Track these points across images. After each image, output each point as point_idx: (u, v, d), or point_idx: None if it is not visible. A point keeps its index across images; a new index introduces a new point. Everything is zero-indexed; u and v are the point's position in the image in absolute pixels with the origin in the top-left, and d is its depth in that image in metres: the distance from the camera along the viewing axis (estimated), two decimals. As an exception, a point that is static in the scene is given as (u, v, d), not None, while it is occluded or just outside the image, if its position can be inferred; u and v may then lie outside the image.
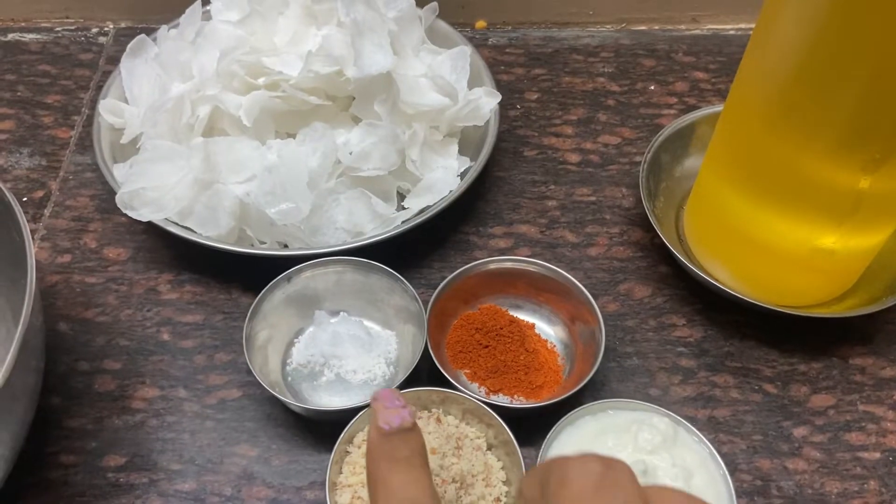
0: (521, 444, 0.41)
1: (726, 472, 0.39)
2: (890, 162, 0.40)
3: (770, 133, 0.43)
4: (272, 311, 0.47)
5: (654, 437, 0.40)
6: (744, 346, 0.49)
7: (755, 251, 0.48)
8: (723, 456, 0.41)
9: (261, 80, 0.49)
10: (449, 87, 0.53)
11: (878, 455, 0.45)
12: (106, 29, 0.68)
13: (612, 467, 0.22)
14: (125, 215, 0.49)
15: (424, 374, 0.46)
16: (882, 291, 0.49)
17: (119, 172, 0.51)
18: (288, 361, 0.48)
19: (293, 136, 0.50)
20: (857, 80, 0.38)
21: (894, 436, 0.46)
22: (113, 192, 0.50)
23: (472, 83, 0.57)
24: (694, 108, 0.60)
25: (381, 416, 0.28)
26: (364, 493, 0.40)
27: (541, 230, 0.55)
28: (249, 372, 0.47)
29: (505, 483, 0.42)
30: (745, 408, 0.47)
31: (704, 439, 0.41)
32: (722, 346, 0.49)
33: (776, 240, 0.47)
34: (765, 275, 0.49)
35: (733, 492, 0.39)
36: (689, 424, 0.41)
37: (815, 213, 0.44)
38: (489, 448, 0.43)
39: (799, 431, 0.46)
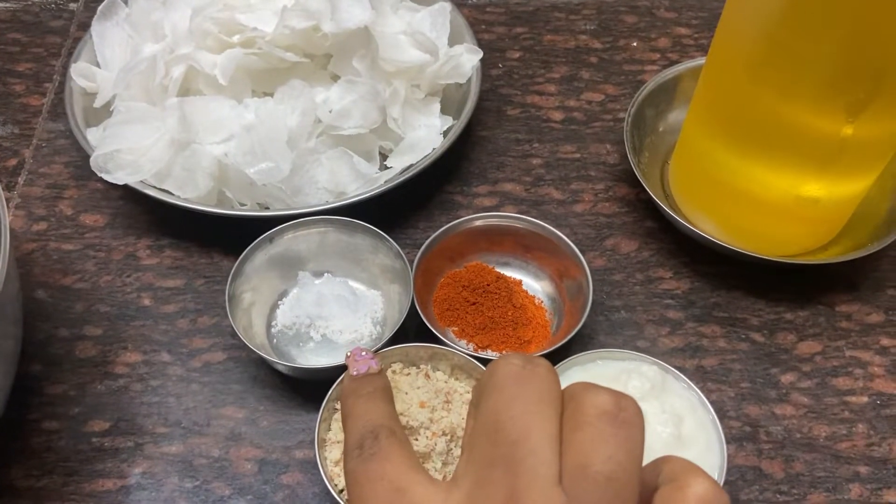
0: (510, 397, 0.40)
1: (715, 417, 0.39)
2: (874, 105, 0.40)
3: (754, 80, 0.43)
4: (255, 273, 0.46)
5: (643, 384, 0.40)
6: (730, 297, 0.49)
7: (740, 202, 0.48)
8: (711, 403, 0.41)
9: (235, 38, 0.48)
10: (429, 43, 0.52)
11: (865, 399, 0.45)
12: (76, -5, 0.66)
13: (531, 361, 0.25)
14: (101, 181, 0.48)
15: (412, 332, 0.46)
16: (866, 238, 0.49)
17: (93, 136, 0.50)
18: (273, 324, 0.47)
19: (271, 94, 0.49)
20: (843, 18, 0.37)
21: (881, 380, 0.46)
22: (87, 159, 0.48)
23: (453, 41, 0.56)
24: (676, 63, 0.60)
25: (351, 366, 0.32)
26: (353, 448, 0.39)
27: (526, 188, 0.55)
28: (234, 335, 0.46)
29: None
30: (732, 356, 0.47)
31: (693, 386, 0.41)
32: (709, 297, 0.49)
33: (761, 190, 0.47)
34: (750, 225, 0.49)
35: (723, 436, 0.39)
36: (677, 372, 0.41)
37: (799, 161, 0.44)
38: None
39: (786, 378, 0.46)
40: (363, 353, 0.32)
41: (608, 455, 0.22)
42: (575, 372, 0.42)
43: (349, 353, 0.33)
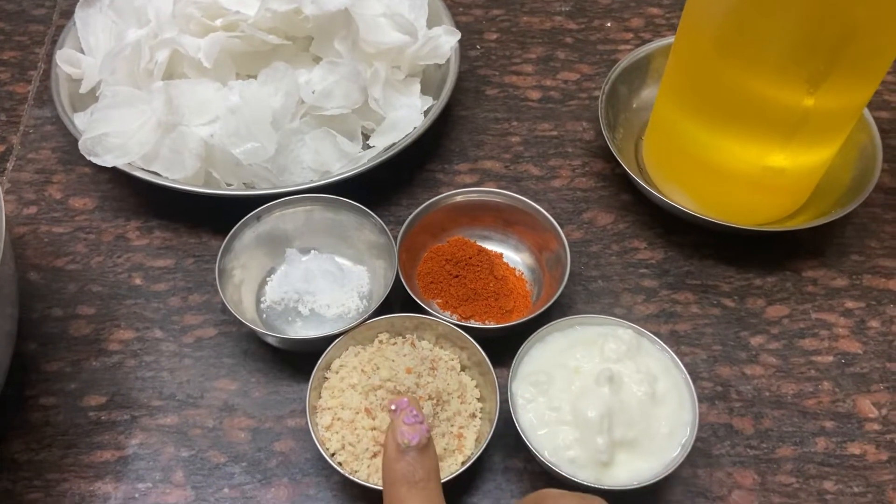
0: (493, 364, 0.42)
1: (687, 377, 0.41)
2: (833, 76, 0.42)
3: (720, 55, 0.44)
4: (243, 251, 0.47)
5: (619, 346, 0.42)
6: (703, 265, 0.51)
7: (711, 174, 0.50)
8: (685, 366, 0.43)
9: (218, 22, 0.49)
10: (408, 24, 0.53)
11: (830, 358, 0.47)
12: (57, -16, 0.67)
13: (589, 502, 0.23)
14: (89, 165, 0.49)
15: (398, 306, 0.47)
16: (831, 207, 0.51)
17: (80, 121, 0.51)
18: (262, 300, 0.48)
19: (254, 77, 0.51)
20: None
21: (845, 340, 0.48)
22: (75, 144, 0.49)
23: (431, 24, 0.57)
24: (649, 42, 0.61)
25: (399, 431, 0.28)
26: (343, 414, 0.41)
27: (505, 165, 0.56)
28: (224, 311, 0.48)
29: (479, 400, 0.43)
30: (704, 321, 0.49)
31: (667, 348, 0.43)
32: (682, 265, 0.51)
33: (729, 161, 0.49)
34: (721, 196, 0.51)
35: (695, 394, 0.41)
36: (651, 335, 0.43)
37: (765, 132, 0.46)
38: (463, 369, 0.44)
39: (756, 340, 0.48)
40: (414, 414, 0.28)
41: None
42: (555, 338, 0.44)
43: (394, 407, 0.29)
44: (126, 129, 0.48)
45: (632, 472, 0.39)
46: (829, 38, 0.40)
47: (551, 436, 0.40)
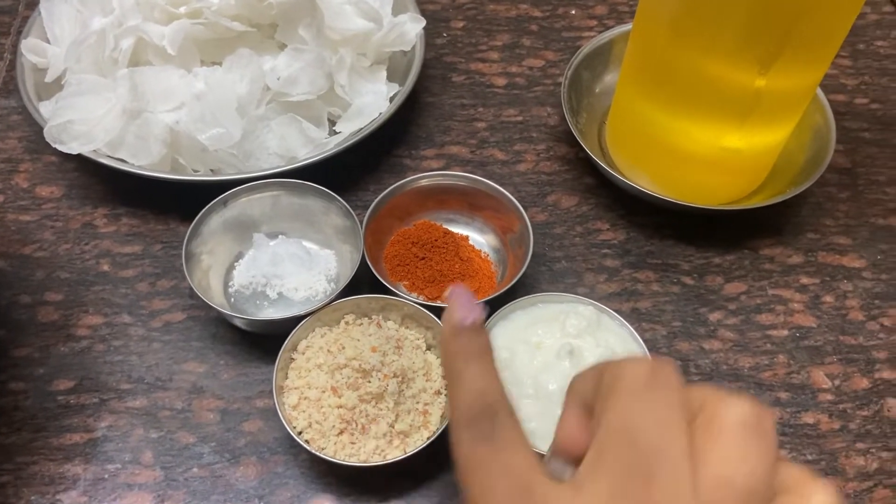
0: (458, 343, 0.43)
1: (646, 349, 0.43)
2: (783, 57, 0.43)
3: (675, 37, 0.46)
4: (210, 236, 0.48)
5: (579, 322, 0.43)
6: (663, 245, 0.53)
7: (670, 156, 0.51)
8: (645, 342, 0.44)
9: (182, 9, 0.50)
10: (373, 11, 0.54)
11: (785, 332, 0.49)
12: (22, -25, 0.67)
13: (662, 367, 0.24)
14: (55, 154, 0.50)
15: (366, 288, 0.48)
16: (787, 186, 0.53)
17: (45, 109, 0.51)
18: (230, 284, 0.49)
19: (219, 63, 0.51)
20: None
21: (800, 315, 0.50)
22: (41, 133, 0.49)
23: (397, 11, 0.58)
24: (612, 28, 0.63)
25: (458, 310, 0.28)
26: (310, 393, 0.42)
27: (471, 150, 0.57)
28: (193, 295, 0.48)
29: (445, 377, 0.44)
30: (665, 299, 0.50)
31: (626, 323, 0.44)
32: (643, 245, 0.53)
33: (687, 143, 0.50)
34: (681, 177, 0.52)
35: (653, 367, 0.42)
36: (611, 311, 0.44)
37: (720, 113, 0.48)
38: (429, 348, 0.45)
39: (714, 316, 0.49)
40: (468, 297, 0.29)
41: (750, 469, 0.21)
42: (518, 315, 0.45)
43: (452, 293, 0.29)
44: (91, 117, 0.49)
45: (591, 442, 0.40)
46: (778, 19, 0.42)
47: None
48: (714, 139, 0.49)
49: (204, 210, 0.47)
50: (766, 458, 0.22)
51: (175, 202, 0.52)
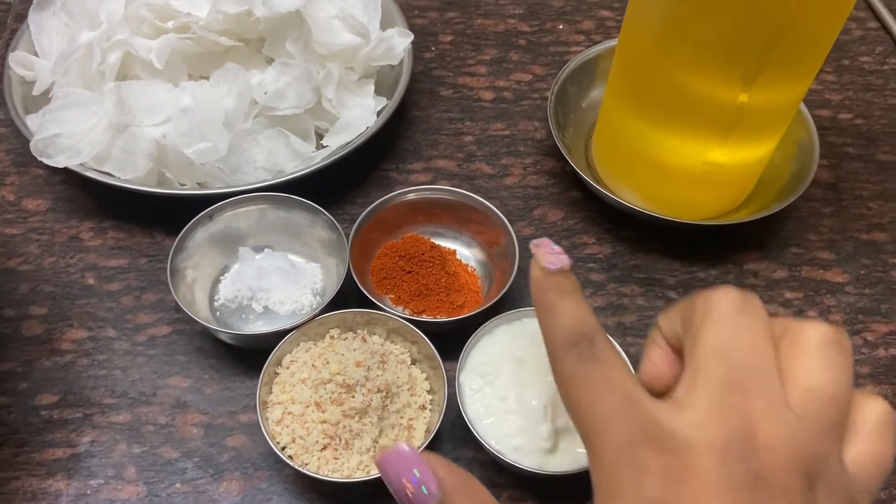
0: (444, 358, 0.43)
1: (629, 363, 0.42)
2: (765, 74, 0.44)
3: (659, 53, 0.46)
4: (196, 250, 0.48)
5: (563, 337, 0.43)
6: (649, 259, 0.53)
7: (656, 171, 0.52)
8: (631, 356, 0.45)
9: (170, 24, 0.50)
10: (361, 26, 0.54)
11: (769, 347, 0.49)
12: (11, -13, 0.67)
13: (750, 297, 0.26)
14: (42, 167, 0.49)
15: (353, 302, 0.48)
16: (772, 201, 0.53)
17: (32, 122, 0.51)
18: (216, 298, 0.49)
19: (207, 78, 0.51)
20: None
21: (784, 329, 0.50)
22: (28, 146, 0.49)
23: (385, 26, 0.58)
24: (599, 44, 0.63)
25: (545, 258, 0.29)
26: (294, 408, 0.42)
27: (458, 164, 0.58)
28: (178, 309, 0.48)
29: (430, 392, 0.44)
30: (650, 313, 0.50)
31: (610, 338, 0.44)
32: (629, 260, 0.53)
33: (672, 158, 0.50)
34: (666, 192, 0.52)
35: (637, 382, 0.42)
36: (596, 326, 0.44)
37: (704, 129, 0.48)
38: (414, 362, 0.45)
39: (699, 330, 0.50)
40: (553, 247, 0.30)
41: (835, 379, 0.24)
42: (502, 330, 0.45)
43: (536, 244, 0.30)
44: (78, 130, 0.49)
45: (575, 458, 0.40)
46: (760, 37, 0.42)
47: (497, 424, 0.41)
48: (698, 154, 0.49)
49: (189, 224, 0.47)
50: (846, 370, 0.24)
51: (161, 216, 0.52)
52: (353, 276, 0.47)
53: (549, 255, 0.29)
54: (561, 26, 0.67)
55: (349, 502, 0.42)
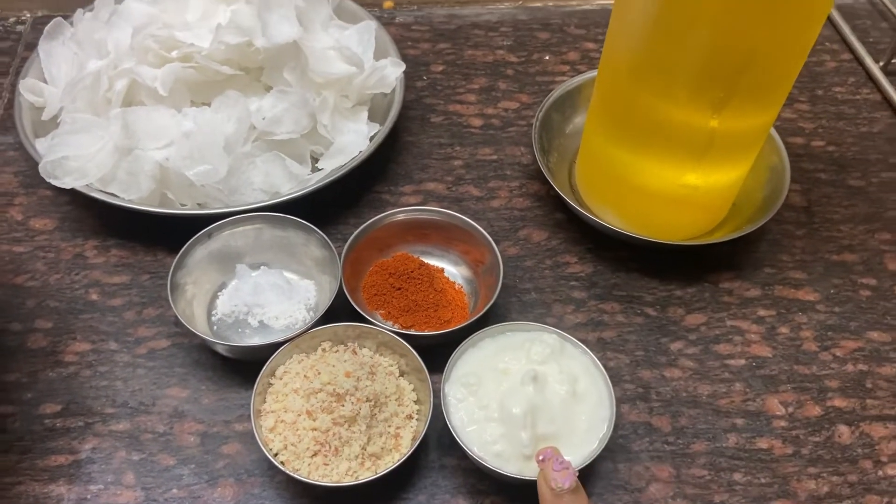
0: (431, 371, 0.45)
1: (607, 377, 0.45)
2: (733, 101, 0.47)
3: (635, 82, 0.49)
4: (195, 267, 0.50)
5: (544, 349, 0.45)
6: (629, 278, 0.55)
7: (634, 193, 0.54)
8: (609, 370, 0.47)
9: (174, 53, 0.53)
10: (356, 57, 0.57)
11: (742, 362, 0.51)
12: (23, 18, 0.70)
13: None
14: (50, 188, 0.52)
15: (345, 317, 0.50)
16: (745, 223, 0.56)
17: (41, 146, 0.54)
18: (213, 313, 0.51)
19: (208, 104, 0.54)
20: (701, 29, 0.44)
21: (756, 345, 0.52)
22: (36, 168, 0.52)
23: (379, 56, 0.61)
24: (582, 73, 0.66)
25: (551, 476, 0.31)
26: (286, 416, 0.44)
27: (447, 187, 0.60)
28: (177, 323, 0.50)
29: (417, 402, 0.46)
30: (628, 329, 0.52)
31: (588, 351, 0.46)
32: (609, 278, 0.55)
33: (649, 181, 0.53)
34: (645, 214, 0.55)
35: (613, 393, 0.44)
36: (575, 339, 0.47)
37: (678, 153, 0.51)
38: (402, 374, 0.47)
39: (675, 346, 0.52)
40: (560, 461, 0.31)
41: None
42: (486, 343, 0.47)
43: (542, 457, 0.31)
44: (85, 153, 0.51)
45: (554, 464, 0.42)
46: (727, 67, 0.45)
47: (479, 432, 0.43)
48: (674, 178, 0.52)
49: (189, 242, 0.49)
50: None
51: (163, 234, 0.54)
52: (346, 292, 0.49)
53: (557, 472, 0.31)
54: (547, 57, 0.70)
55: (338, 508, 0.44)
